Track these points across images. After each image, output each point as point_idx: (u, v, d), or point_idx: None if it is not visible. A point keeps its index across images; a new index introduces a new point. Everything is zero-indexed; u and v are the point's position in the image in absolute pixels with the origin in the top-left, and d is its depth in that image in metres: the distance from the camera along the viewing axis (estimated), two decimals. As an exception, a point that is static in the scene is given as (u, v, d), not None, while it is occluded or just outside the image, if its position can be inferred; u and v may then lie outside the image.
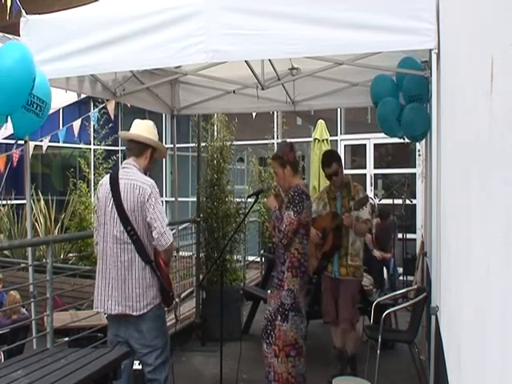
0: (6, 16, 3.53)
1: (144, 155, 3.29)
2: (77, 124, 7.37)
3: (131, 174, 3.20)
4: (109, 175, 3.30)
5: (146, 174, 3.29)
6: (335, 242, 4.30)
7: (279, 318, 3.75)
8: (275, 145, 9.65)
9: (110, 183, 3.20)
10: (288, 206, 3.74)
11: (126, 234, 3.10)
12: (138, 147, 3.28)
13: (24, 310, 5.31)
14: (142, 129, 3.34)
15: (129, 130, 3.42)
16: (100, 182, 3.35)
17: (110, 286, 3.14)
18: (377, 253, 7.24)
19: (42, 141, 7.74)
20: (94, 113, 8.06)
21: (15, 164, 7.40)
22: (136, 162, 3.26)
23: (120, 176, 3.21)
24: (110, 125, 10.22)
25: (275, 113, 9.90)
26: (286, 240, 3.71)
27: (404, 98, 4.26)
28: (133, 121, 3.45)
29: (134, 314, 3.10)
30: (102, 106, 8.70)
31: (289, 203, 3.74)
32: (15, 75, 3.01)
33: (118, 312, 3.12)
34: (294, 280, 3.74)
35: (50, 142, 7.80)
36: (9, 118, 3.17)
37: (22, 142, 3.76)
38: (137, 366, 3.56)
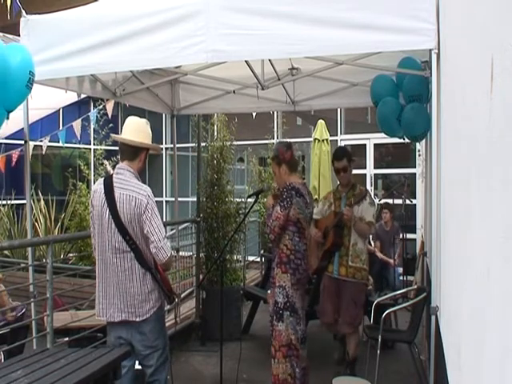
0: (7, 16, 3.53)
1: (138, 158, 3.17)
2: (77, 124, 7.36)
3: (126, 182, 3.08)
4: (102, 183, 3.15)
5: (140, 175, 3.20)
6: (336, 240, 4.28)
7: (274, 317, 3.75)
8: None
9: (105, 193, 3.08)
10: (277, 201, 3.76)
11: (124, 244, 3.04)
12: (131, 151, 3.15)
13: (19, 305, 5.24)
14: (135, 131, 3.18)
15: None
16: (93, 189, 3.21)
17: (111, 294, 3.11)
18: (379, 254, 7.27)
19: (42, 141, 7.73)
20: (93, 113, 8.05)
21: (14, 163, 7.41)
22: (130, 166, 3.14)
23: (114, 184, 3.08)
24: (110, 125, 10.22)
25: (275, 113, 9.90)
26: (273, 235, 3.72)
27: (404, 98, 4.26)
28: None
29: (137, 319, 3.10)
30: (101, 106, 8.71)
31: (278, 199, 3.76)
32: (19, 75, 3.06)
33: (121, 319, 3.11)
34: (283, 276, 3.74)
35: (50, 142, 7.81)
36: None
37: (23, 142, 3.76)
38: (137, 365, 3.56)
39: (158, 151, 3.46)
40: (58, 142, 7.85)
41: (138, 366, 3.54)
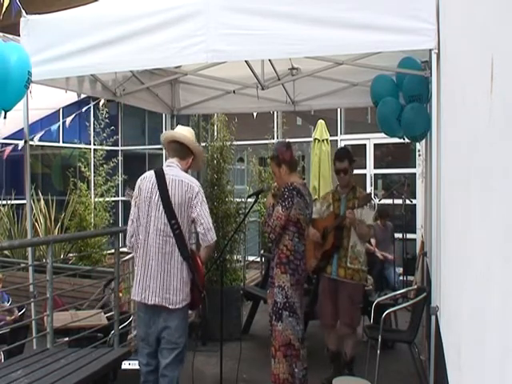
0: (6, 16, 3.53)
1: (187, 159, 3.38)
2: (69, 119, 7.49)
3: (176, 171, 3.29)
4: (153, 170, 3.36)
5: None
6: (336, 242, 4.25)
7: (274, 317, 3.76)
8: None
9: (156, 177, 3.26)
10: (278, 201, 3.75)
11: (169, 227, 3.17)
12: (183, 150, 3.37)
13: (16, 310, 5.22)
14: (188, 132, 3.44)
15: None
16: (143, 176, 3.37)
17: (149, 276, 3.19)
18: (379, 253, 7.27)
19: (32, 139, 7.75)
20: (87, 108, 8.17)
21: (5, 157, 7.60)
22: (180, 163, 3.34)
23: (165, 172, 3.28)
24: (112, 127, 10.23)
25: (275, 113, 9.89)
26: (274, 235, 3.73)
27: (404, 98, 4.26)
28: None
29: (170, 306, 3.16)
30: (96, 101, 8.75)
31: (279, 199, 3.75)
32: (18, 74, 3.07)
33: (154, 302, 3.17)
34: (282, 277, 3.74)
35: (48, 142, 7.88)
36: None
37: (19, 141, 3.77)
38: (127, 365, 3.60)
39: (198, 164, 3.59)
40: (56, 141, 7.93)
41: (128, 366, 3.59)
